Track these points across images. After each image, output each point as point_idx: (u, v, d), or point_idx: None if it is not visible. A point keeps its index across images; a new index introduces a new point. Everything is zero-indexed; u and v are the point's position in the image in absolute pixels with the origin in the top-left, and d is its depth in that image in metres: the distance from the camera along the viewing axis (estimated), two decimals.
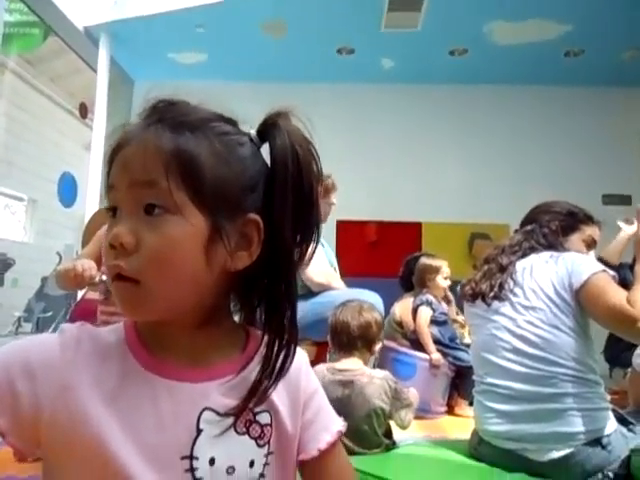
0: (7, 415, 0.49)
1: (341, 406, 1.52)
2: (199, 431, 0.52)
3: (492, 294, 1.51)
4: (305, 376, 0.60)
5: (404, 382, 1.70)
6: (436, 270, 2.86)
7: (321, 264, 2.72)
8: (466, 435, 1.66)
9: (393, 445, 1.63)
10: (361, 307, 1.70)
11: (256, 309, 0.58)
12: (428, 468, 1.47)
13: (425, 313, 2.72)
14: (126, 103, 4.32)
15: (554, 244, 1.55)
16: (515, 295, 1.47)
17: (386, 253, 4.10)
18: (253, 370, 0.54)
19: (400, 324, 2.89)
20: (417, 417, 1.83)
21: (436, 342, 2.68)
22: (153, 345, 0.55)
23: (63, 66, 4.97)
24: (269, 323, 0.56)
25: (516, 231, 1.66)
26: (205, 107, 0.57)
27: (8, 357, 0.51)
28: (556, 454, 1.31)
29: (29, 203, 7.31)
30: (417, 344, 2.73)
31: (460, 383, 2.69)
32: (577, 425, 1.31)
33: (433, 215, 4.34)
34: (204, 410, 0.52)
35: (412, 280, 3.02)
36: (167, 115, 0.53)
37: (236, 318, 0.60)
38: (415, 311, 2.75)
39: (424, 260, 2.94)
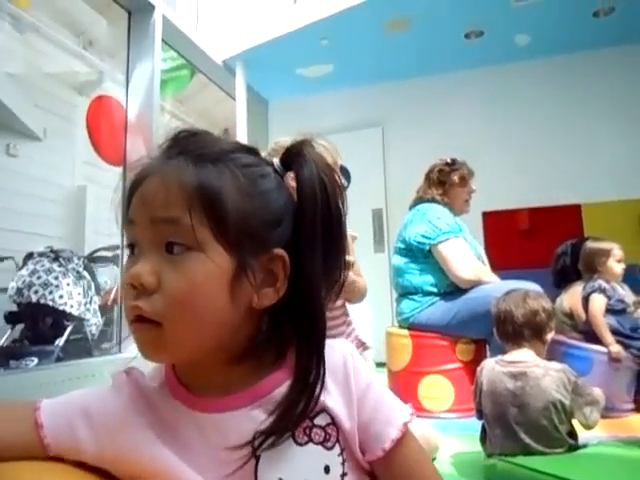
0: (72, 458, 0.52)
1: (514, 399, 1.42)
2: (257, 458, 0.49)
3: None
4: (354, 371, 0.55)
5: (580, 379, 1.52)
6: (607, 253, 2.56)
7: (467, 258, 2.58)
8: None
9: (577, 447, 1.46)
10: (526, 294, 1.58)
11: (286, 343, 0.54)
12: (623, 470, 1.29)
13: (598, 301, 2.44)
14: (263, 123, 4.58)
15: None
16: None
17: (542, 241, 3.78)
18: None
19: (570, 315, 2.62)
20: (600, 416, 1.65)
21: (614, 333, 2.38)
22: (191, 383, 0.54)
23: (206, 99, 5.45)
24: (298, 358, 0.53)
25: None
26: (226, 138, 0.55)
27: (68, 404, 0.54)
28: None
29: None
30: (590, 336, 2.45)
31: None
32: None
33: (593, 194, 3.89)
34: (256, 435, 0.49)
35: (567, 272, 2.75)
36: (189, 147, 0.51)
37: None
38: (586, 300, 2.48)
39: (590, 244, 2.66)
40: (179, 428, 0.51)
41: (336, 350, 0.56)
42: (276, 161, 0.55)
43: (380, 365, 2.83)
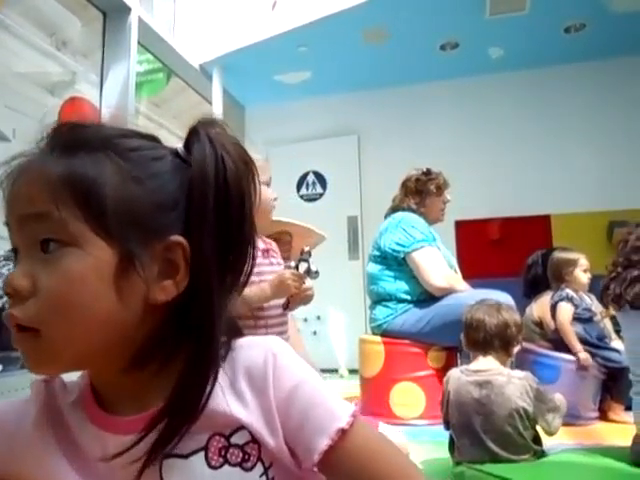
0: None
1: (480, 407, 1.44)
2: None
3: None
4: (274, 372, 0.47)
5: (547, 386, 1.56)
6: (573, 263, 2.62)
7: (440, 267, 2.61)
8: (624, 442, 1.51)
9: (542, 453, 1.49)
10: (499, 306, 1.60)
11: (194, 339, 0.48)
12: (587, 477, 1.32)
13: (566, 309, 2.49)
14: (239, 129, 4.57)
15: None
16: None
17: (512, 251, 3.86)
18: None
19: (539, 324, 2.67)
20: (566, 424, 1.69)
21: (581, 341, 2.43)
22: (103, 395, 0.49)
23: (183, 103, 5.41)
24: (192, 355, 0.47)
25: None
26: (117, 125, 0.51)
27: None
28: None
29: None
30: (559, 345, 2.50)
31: (613, 386, 2.41)
32: None
33: (562, 206, 3.99)
34: (163, 459, 0.45)
35: (538, 282, 2.81)
36: (62, 139, 0.47)
37: None
38: (554, 308, 2.53)
39: (557, 254, 2.72)
40: (87, 450, 0.47)
41: (257, 348, 0.50)
42: (179, 146, 0.51)
43: (353, 372, 2.84)
